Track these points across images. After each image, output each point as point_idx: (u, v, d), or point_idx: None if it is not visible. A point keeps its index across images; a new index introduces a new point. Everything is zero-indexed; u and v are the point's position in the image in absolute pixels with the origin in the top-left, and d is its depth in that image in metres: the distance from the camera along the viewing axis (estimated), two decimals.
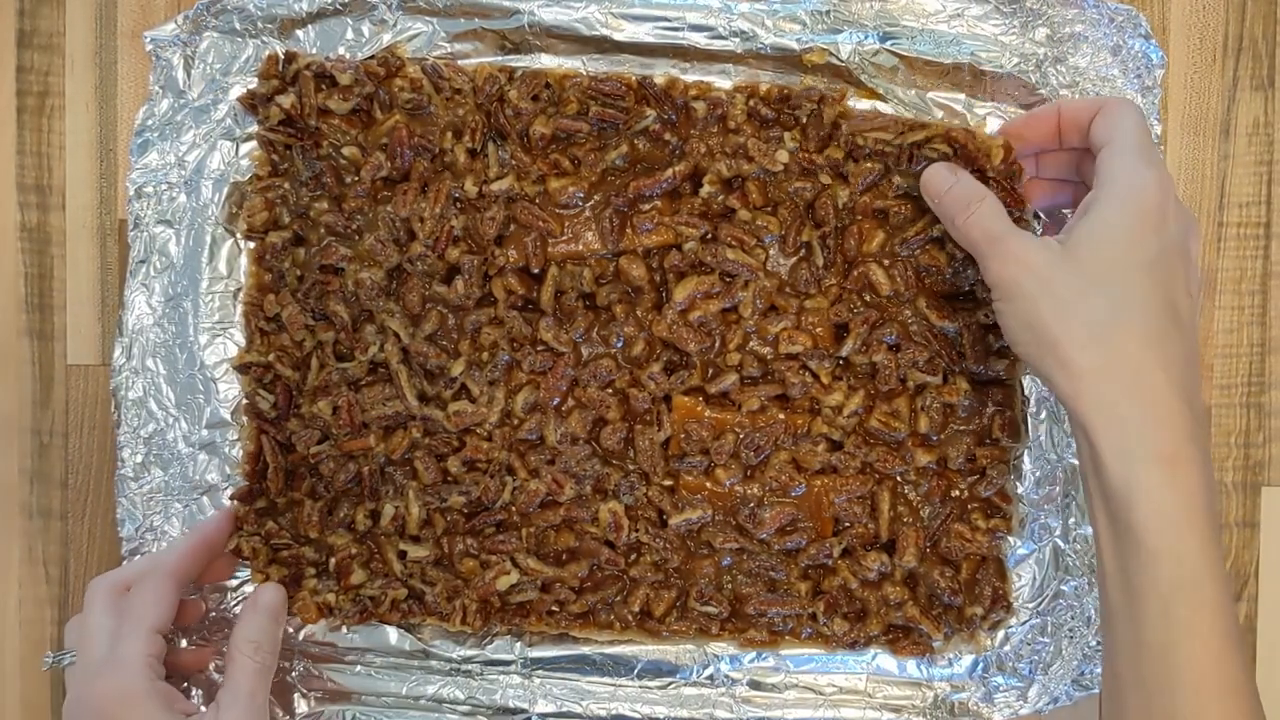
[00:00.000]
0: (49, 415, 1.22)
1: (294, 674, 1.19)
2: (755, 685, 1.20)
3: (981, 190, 1.07)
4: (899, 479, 1.18)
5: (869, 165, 1.15)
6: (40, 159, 1.22)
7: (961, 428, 1.18)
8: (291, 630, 1.19)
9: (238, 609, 1.18)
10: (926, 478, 1.18)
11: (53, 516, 1.23)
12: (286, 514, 1.18)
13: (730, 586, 1.18)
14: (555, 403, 1.16)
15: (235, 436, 1.18)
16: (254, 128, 1.17)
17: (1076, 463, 1.17)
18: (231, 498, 1.17)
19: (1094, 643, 1.18)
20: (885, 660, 1.20)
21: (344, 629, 1.19)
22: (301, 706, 1.19)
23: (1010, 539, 1.19)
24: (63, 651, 1.07)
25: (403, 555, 1.17)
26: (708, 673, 1.20)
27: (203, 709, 1.05)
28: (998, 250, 1.02)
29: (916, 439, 1.18)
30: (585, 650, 1.20)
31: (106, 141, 1.21)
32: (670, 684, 1.20)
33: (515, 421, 1.16)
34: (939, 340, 1.16)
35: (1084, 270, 0.98)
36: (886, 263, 1.17)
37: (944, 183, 1.09)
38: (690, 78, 1.18)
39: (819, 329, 1.16)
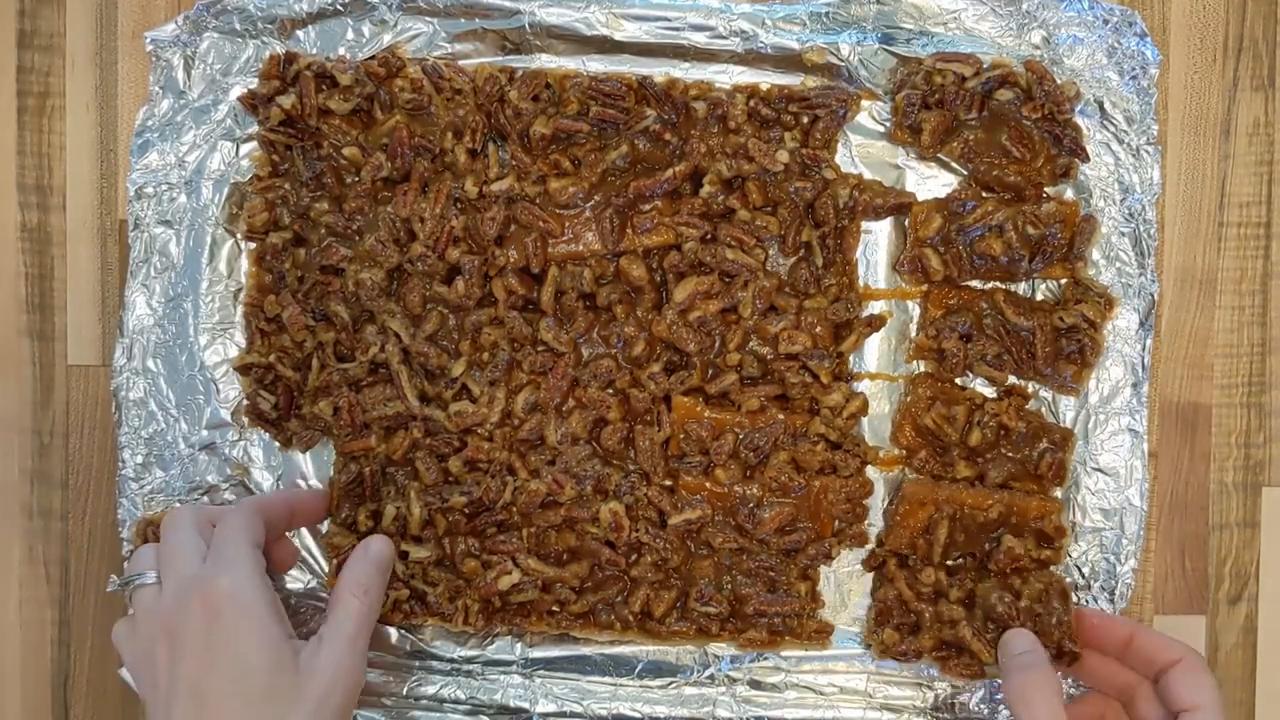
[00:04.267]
0: (49, 415, 1.22)
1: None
2: (755, 685, 1.20)
3: (1047, 674, 1.08)
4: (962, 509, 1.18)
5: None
6: (40, 159, 1.21)
7: (1010, 454, 1.18)
8: None
9: None
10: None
11: (53, 517, 1.23)
12: None
13: (730, 586, 1.18)
14: (556, 403, 1.16)
15: (236, 437, 1.18)
16: (254, 128, 1.17)
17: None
18: None
19: None
20: (887, 660, 1.20)
21: None
22: None
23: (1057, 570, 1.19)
24: (135, 574, 1.04)
25: (404, 556, 1.17)
26: (708, 672, 1.20)
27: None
28: None
29: (963, 450, 1.18)
30: (586, 650, 1.20)
31: (107, 142, 1.21)
32: (671, 684, 1.20)
33: (516, 422, 1.16)
34: (1011, 337, 1.17)
35: None
36: (942, 248, 1.17)
37: (1016, 647, 1.11)
38: (690, 77, 1.18)
39: (818, 329, 1.16)
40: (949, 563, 1.19)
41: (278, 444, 1.19)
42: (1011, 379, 1.19)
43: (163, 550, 1.04)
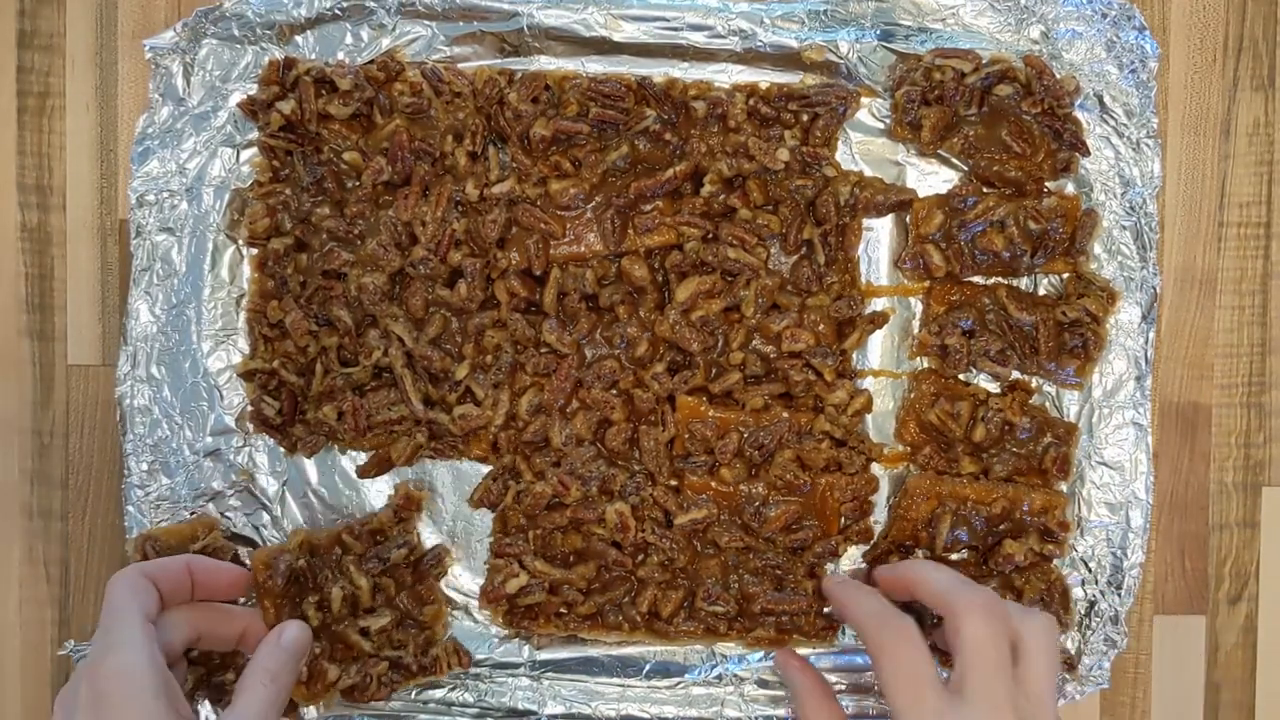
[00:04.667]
0: (49, 415, 1.22)
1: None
2: (763, 684, 1.21)
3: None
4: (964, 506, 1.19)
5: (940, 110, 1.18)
6: (40, 159, 1.21)
7: (1014, 449, 1.19)
8: None
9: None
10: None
11: (53, 517, 1.23)
12: None
13: (737, 585, 1.19)
14: (560, 404, 1.16)
15: (240, 443, 1.19)
16: (254, 134, 1.17)
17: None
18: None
19: (1101, 641, 1.19)
20: None
21: None
22: (310, 712, 1.19)
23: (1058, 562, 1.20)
24: (85, 643, 1.06)
25: (366, 632, 1.15)
26: (716, 672, 1.21)
27: None
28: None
29: (968, 445, 1.19)
30: (593, 652, 1.21)
31: (107, 142, 1.21)
32: (679, 684, 1.21)
33: (520, 424, 1.17)
34: (1014, 332, 1.18)
35: None
36: (943, 244, 1.18)
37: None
38: (690, 77, 1.18)
39: (821, 326, 1.17)
40: (952, 558, 1.19)
41: (283, 449, 1.19)
42: (1015, 374, 1.19)
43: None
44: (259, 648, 1.07)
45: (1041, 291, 1.20)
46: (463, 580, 1.21)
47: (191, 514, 1.18)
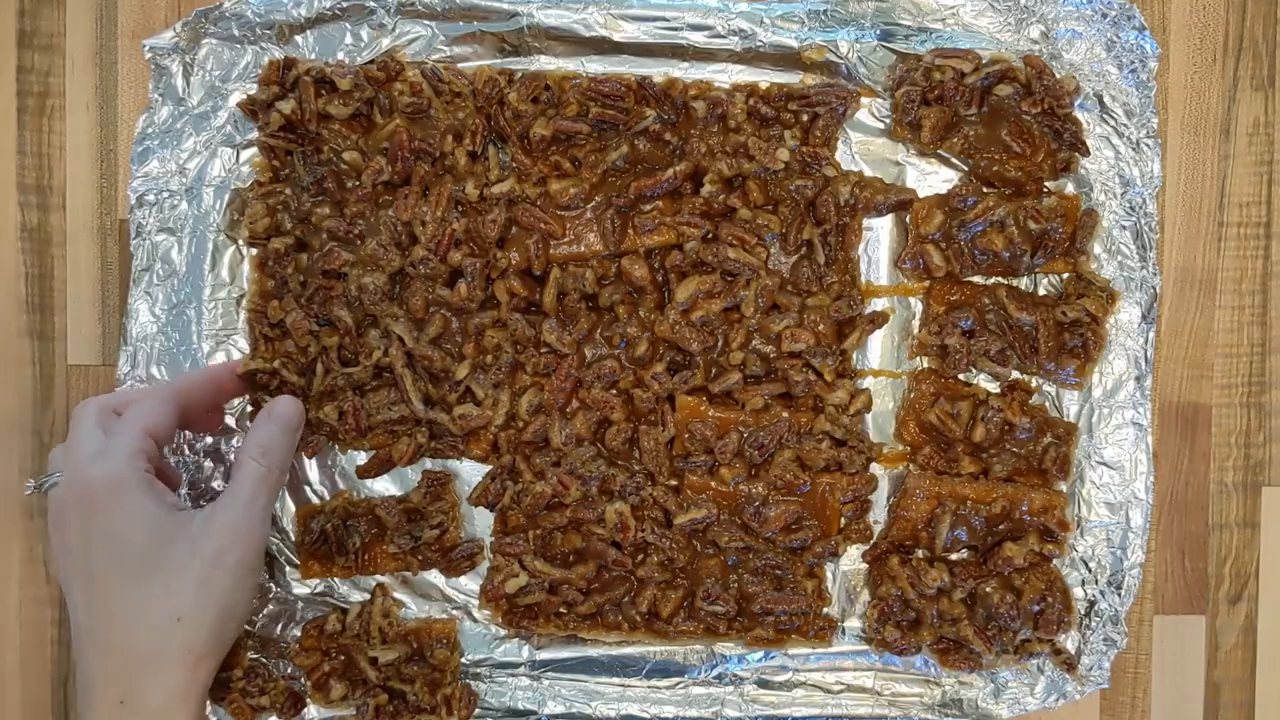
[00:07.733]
0: (49, 415, 1.22)
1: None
2: (763, 684, 1.21)
3: None
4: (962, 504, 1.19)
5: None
6: (40, 159, 1.21)
7: (1014, 449, 1.19)
8: None
9: None
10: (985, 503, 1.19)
11: None
12: None
13: (736, 585, 1.18)
14: (560, 404, 1.16)
15: (240, 443, 1.18)
16: (254, 134, 1.17)
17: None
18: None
19: (1101, 640, 1.19)
20: (893, 658, 1.21)
21: None
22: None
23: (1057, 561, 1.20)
24: (47, 475, 1.04)
25: (375, 661, 1.17)
26: (716, 672, 1.21)
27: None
28: None
29: (968, 445, 1.19)
30: (593, 651, 1.21)
31: (107, 142, 1.21)
32: (679, 684, 1.21)
33: (520, 424, 1.17)
34: (1014, 332, 1.17)
35: None
36: (943, 244, 1.18)
37: None
38: (689, 77, 1.18)
39: (821, 326, 1.17)
40: (951, 558, 1.19)
41: None
42: (1015, 374, 1.19)
43: (66, 445, 1.04)
44: (253, 425, 1.10)
45: (1041, 291, 1.20)
46: (463, 580, 1.21)
47: None
